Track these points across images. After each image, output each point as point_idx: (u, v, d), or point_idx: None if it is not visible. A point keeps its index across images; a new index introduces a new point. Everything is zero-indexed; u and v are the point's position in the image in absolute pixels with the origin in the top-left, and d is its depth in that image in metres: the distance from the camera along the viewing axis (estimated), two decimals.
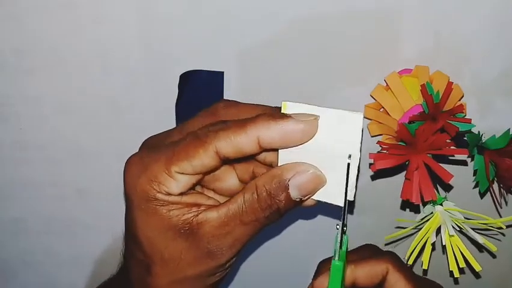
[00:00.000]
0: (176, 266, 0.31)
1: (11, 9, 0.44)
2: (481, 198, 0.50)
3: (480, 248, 0.50)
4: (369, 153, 0.41)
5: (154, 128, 0.48)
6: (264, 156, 0.34)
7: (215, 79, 0.46)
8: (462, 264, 0.42)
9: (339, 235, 0.32)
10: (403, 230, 0.44)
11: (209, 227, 0.31)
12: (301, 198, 0.31)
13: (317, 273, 0.39)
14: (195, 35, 0.45)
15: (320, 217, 0.52)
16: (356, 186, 0.30)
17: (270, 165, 0.34)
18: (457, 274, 0.42)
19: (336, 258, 0.32)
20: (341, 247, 0.31)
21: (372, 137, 0.47)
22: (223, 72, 0.46)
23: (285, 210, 0.31)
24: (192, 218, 0.31)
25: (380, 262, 0.38)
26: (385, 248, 0.49)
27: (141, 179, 0.31)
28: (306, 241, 0.53)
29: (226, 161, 0.31)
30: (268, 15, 0.44)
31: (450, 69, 0.45)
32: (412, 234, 0.45)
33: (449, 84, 0.42)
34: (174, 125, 0.47)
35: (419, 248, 0.43)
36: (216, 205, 0.32)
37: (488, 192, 0.49)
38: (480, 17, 0.43)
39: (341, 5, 0.43)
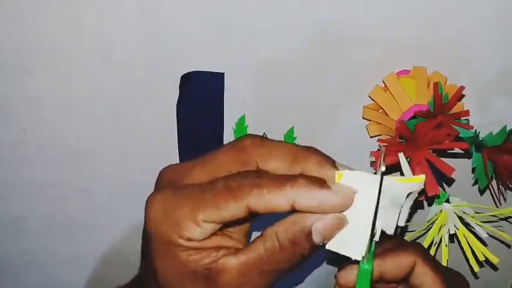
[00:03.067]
0: None
1: (11, 9, 0.44)
2: (481, 195, 0.50)
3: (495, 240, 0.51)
4: (370, 151, 0.41)
5: (154, 128, 0.48)
6: None
7: (215, 80, 0.46)
8: (482, 258, 0.42)
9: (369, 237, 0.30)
10: (412, 233, 0.44)
11: (228, 276, 0.29)
12: (324, 243, 0.29)
13: (340, 267, 0.38)
14: (195, 35, 0.45)
15: None
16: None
17: None
18: (476, 269, 0.42)
19: (364, 258, 0.30)
20: (369, 249, 0.30)
21: (371, 137, 0.47)
22: (223, 73, 0.46)
23: (308, 255, 0.30)
24: (211, 264, 0.29)
25: (407, 254, 0.36)
26: None
27: (164, 222, 0.30)
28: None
29: (255, 214, 0.30)
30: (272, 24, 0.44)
31: (448, 69, 0.45)
32: (422, 235, 0.45)
33: (460, 88, 0.43)
34: (175, 126, 0.47)
35: (433, 249, 0.43)
36: (235, 251, 0.30)
37: (488, 190, 0.49)
38: (478, 17, 0.44)
39: (339, 7, 0.43)
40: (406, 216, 0.30)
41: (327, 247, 0.30)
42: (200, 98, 0.46)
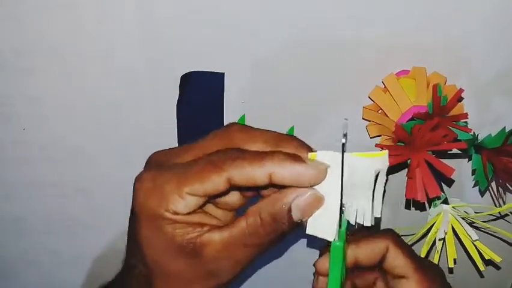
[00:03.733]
0: (177, 282, 0.32)
1: (11, 9, 0.44)
2: (482, 196, 0.50)
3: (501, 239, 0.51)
4: None
5: (154, 128, 0.48)
6: None
7: (216, 80, 0.46)
8: (487, 257, 0.42)
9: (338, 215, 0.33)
10: (414, 236, 0.44)
11: (211, 249, 0.31)
12: (301, 220, 0.31)
13: (320, 255, 0.40)
14: (195, 35, 0.45)
15: None
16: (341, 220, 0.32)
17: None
18: (482, 268, 0.42)
19: (336, 238, 0.32)
20: (340, 227, 0.32)
21: (371, 138, 0.47)
22: (223, 73, 0.46)
23: (288, 232, 0.32)
24: (195, 238, 0.31)
25: (380, 240, 0.38)
26: None
27: (152, 197, 0.31)
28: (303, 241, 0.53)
29: (236, 188, 0.32)
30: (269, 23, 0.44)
31: (448, 69, 0.45)
32: (422, 237, 0.45)
33: (459, 91, 0.43)
34: (175, 126, 0.47)
35: (438, 251, 0.43)
36: (219, 227, 0.32)
37: (488, 192, 0.49)
38: (478, 17, 0.44)
39: (338, 8, 0.43)
40: (381, 205, 0.32)
41: (306, 232, 0.31)
42: (200, 98, 0.46)
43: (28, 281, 0.54)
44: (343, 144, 0.31)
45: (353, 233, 0.39)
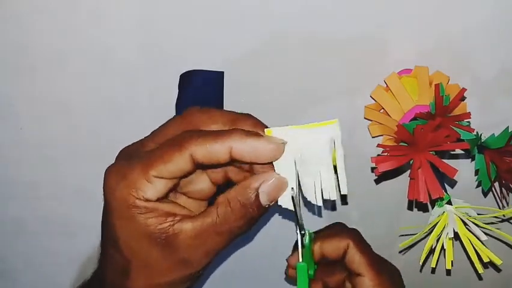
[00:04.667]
0: (152, 272, 0.33)
1: (11, 9, 0.44)
2: (485, 197, 0.49)
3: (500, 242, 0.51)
4: (371, 157, 0.41)
5: (153, 128, 0.48)
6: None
7: (215, 79, 0.46)
8: (486, 259, 0.42)
9: (300, 239, 0.37)
10: (416, 236, 0.44)
11: (184, 238, 0.32)
12: (269, 204, 0.33)
13: (292, 252, 0.44)
14: (194, 35, 0.44)
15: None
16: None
17: (240, 167, 0.36)
18: (481, 270, 0.42)
19: (300, 260, 0.36)
20: (303, 246, 0.36)
21: (373, 137, 0.47)
22: (223, 72, 0.46)
23: (257, 217, 0.33)
24: (168, 228, 0.32)
25: (342, 238, 0.42)
26: (400, 253, 0.51)
27: (120, 186, 0.32)
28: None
29: (200, 167, 0.33)
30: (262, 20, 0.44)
31: (450, 68, 0.44)
32: (425, 237, 0.45)
33: (462, 90, 0.42)
34: None
35: (437, 251, 0.43)
36: (191, 216, 0.33)
37: (491, 192, 0.49)
38: (480, 16, 0.43)
39: (341, 7, 0.43)
40: (345, 181, 0.33)
41: (278, 203, 0.34)
42: (199, 97, 0.46)
43: (27, 281, 0.54)
44: (292, 198, 0.33)
45: (324, 229, 0.45)
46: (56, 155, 0.49)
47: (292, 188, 0.34)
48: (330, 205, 0.52)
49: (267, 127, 0.34)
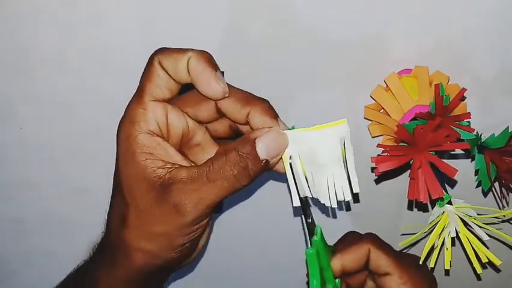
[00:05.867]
0: (147, 219, 0.34)
1: (11, 9, 0.44)
2: (485, 197, 0.49)
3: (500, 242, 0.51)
4: (371, 157, 0.41)
5: None
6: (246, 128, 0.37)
7: None
8: (484, 260, 0.42)
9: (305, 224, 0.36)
10: (416, 235, 0.44)
11: (178, 184, 0.33)
12: (267, 160, 0.33)
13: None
14: (194, 35, 0.44)
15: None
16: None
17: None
18: (479, 270, 0.42)
19: (309, 246, 0.35)
20: (310, 236, 0.36)
21: (373, 137, 0.47)
22: (223, 72, 0.46)
23: (254, 170, 0.33)
24: (165, 174, 0.33)
25: (362, 245, 0.41)
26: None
27: (123, 124, 0.35)
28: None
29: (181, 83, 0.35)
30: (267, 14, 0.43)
31: (450, 68, 0.44)
32: (425, 237, 0.45)
33: (462, 90, 0.42)
34: None
35: (436, 251, 0.43)
36: (189, 166, 0.34)
37: (491, 192, 0.49)
38: (480, 16, 0.43)
39: (341, 6, 0.43)
40: (357, 179, 0.33)
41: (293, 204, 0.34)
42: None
43: (27, 281, 0.54)
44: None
45: (339, 242, 0.43)
46: (56, 155, 0.49)
47: (291, 157, 0.34)
48: (344, 206, 0.51)
49: (276, 116, 0.34)
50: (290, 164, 0.34)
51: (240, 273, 0.54)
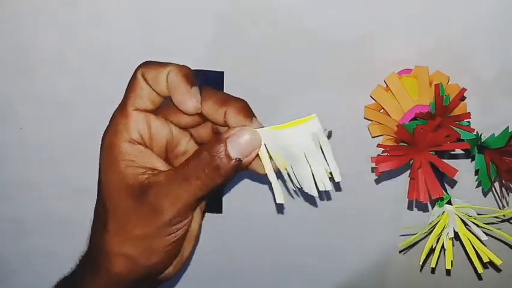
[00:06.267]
0: (127, 223, 0.34)
1: (11, 9, 0.44)
2: (485, 196, 0.49)
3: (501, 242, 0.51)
4: (371, 157, 0.41)
5: None
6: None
7: (215, 78, 0.46)
8: (486, 259, 0.42)
9: None
10: (416, 235, 0.44)
11: (156, 186, 0.34)
12: (240, 159, 0.33)
13: None
14: (194, 34, 0.44)
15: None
16: None
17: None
18: (480, 270, 0.42)
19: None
20: None
21: (373, 137, 0.47)
22: (223, 72, 0.46)
23: (225, 169, 0.33)
24: (145, 180, 0.34)
25: None
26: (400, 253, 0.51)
27: (107, 134, 0.35)
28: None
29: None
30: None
31: (450, 68, 0.44)
32: (424, 237, 0.45)
33: (462, 90, 0.42)
34: None
35: (437, 251, 0.43)
36: (166, 170, 0.35)
37: (491, 192, 0.49)
38: (480, 16, 0.43)
39: (341, 7, 0.43)
40: (337, 168, 0.34)
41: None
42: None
43: (27, 281, 0.54)
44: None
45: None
46: (56, 155, 0.49)
47: (269, 154, 0.34)
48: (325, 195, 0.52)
49: (251, 116, 0.35)
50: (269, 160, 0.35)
51: (237, 274, 0.54)
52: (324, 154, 0.34)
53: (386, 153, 0.41)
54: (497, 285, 0.54)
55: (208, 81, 0.46)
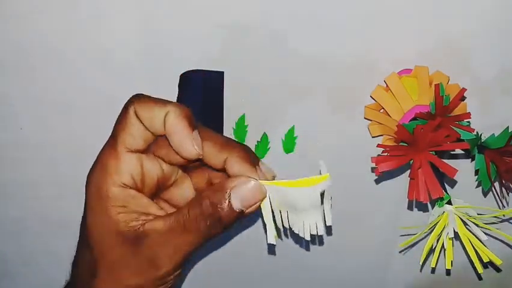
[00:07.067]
0: (120, 272, 0.32)
1: (11, 9, 0.44)
2: (485, 196, 0.49)
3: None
4: (371, 157, 0.41)
5: None
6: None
7: (215, 78, 0.46)
8: (486, 259, 0.42)
9: None
10: (415, 235, 0.44)
11: (153, 235, 0.32)
12: (243, 210, 0.32)
13: None
14: (195, 35, 0.44)
15: None
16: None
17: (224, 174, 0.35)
18: (480, 270, 0.42)
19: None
20: None
21: (373, 137, 0.47)
22: (223, 72, 0.46)
23: (227, 220, 0.32)
24: (138, 227, 0.32)
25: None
26: (400, 253, 0.51)
27: (94, 173, 0.33)
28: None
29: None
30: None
31: (450, 68, 0.44)
32: (425, 237, 0.45)
33: (462, 90, 0.42)
34: None
35: (437, 251, 0.43)
36: (163, 216, 0.33)
37: (491, 192, 0.49)
38: (480, 16, 0.43)
39: (341, 6, 0.43)
40: (330, 214, 0.33)
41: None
42: (199, 97, 0.46)
43: (27, 281, 0.54)
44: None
45: None
46: (56, 155, 0.49)
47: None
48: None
49: (256, 163, 0.33)
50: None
51: (237, 274, 0.54)
52: (324, 208, 0.33)
53: (386, 153, 0.41)
54: (497, 285, 0.54)
55: (208, 82, 0.45)
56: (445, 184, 0.44)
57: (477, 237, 0.42)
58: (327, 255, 0.53)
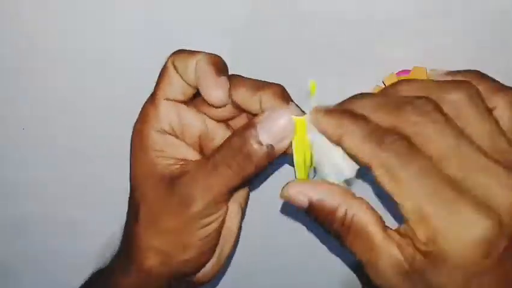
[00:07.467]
0: (157, 213, 0.34)
1: (11, 9, 0.44)
2: None
3: None
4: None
5: None
6: None
7: None
8: None
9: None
10: None
11: (186, 175, 0.33)
12: (272, 146, 0.31)
13: None
14: (196, 35, 0.45)
15: None
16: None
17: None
18: None
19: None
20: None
21: None
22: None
23: (257, 159, 0.31)
24: (175, 171, 0.33)
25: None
26: None
27: (137, 123, 0.35)
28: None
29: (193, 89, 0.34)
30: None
31: (450, 68, 0.44)
32: None
33: None
34: None
35: None
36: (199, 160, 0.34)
37: None
38: (480, 16, 0.43)
39: (339, 6, 0.43)
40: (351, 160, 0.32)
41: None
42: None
43: (27, 281, 0.54)
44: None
45: None
46: (56, 155, 0.49)
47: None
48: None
49: (288, 100, 0.33)
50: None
51: (237, 274, 0.55)
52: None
53: None
54: None
55: None
56: None
57: None
58: (328, 254, 0.53)
